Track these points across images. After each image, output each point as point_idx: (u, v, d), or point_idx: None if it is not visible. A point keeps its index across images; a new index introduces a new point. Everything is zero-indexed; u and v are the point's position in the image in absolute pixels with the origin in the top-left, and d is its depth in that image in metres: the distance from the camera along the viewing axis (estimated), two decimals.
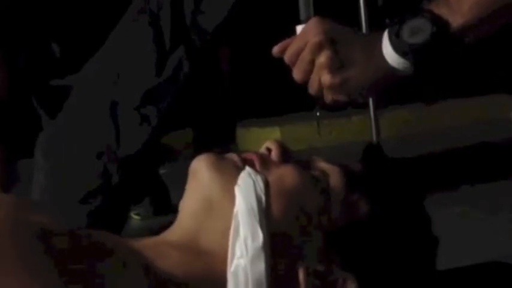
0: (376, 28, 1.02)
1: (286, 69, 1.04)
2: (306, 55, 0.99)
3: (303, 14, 1.07)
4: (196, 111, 2.56)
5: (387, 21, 1.02)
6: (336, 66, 0.97)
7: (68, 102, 1.63)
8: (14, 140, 1.59)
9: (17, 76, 1.61)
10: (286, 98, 3.62)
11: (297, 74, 1.01)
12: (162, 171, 2.72)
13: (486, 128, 3.79)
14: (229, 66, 3.62)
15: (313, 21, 1.00)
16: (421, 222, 0.87)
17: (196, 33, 1.57)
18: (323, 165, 0.85)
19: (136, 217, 2.63)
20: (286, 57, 1.02)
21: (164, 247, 0.79)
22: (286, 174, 0.82)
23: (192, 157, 0.84)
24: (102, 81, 1.60)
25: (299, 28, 1.05)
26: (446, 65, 0.97)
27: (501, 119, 3.91)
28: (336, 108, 1.02)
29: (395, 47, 0.95)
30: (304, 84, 1.02)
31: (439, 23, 0.94)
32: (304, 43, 0.99)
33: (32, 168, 1.65)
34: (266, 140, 0.88)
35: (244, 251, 0.76)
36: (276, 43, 1.04)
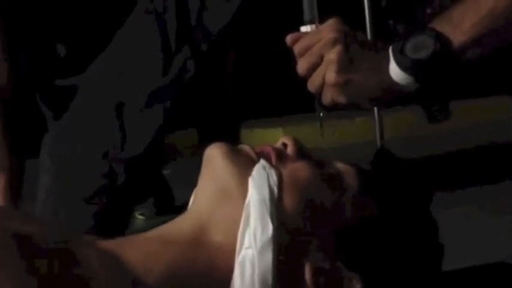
0: (379, 29, 1.03)
1: (290, 70, 1.05)
2: (317, 48, 0.99)
3: (306, 15, 1.07)
4: (201, 111, 2.56)
5: (391, 22, 1.03)
6: (344, 65, 0.98)
7: (74, 103, 1.63)
8: (19, 141, 1.60)
9: (21, 76, 1.62)
10: (290, 99, 3.62)
11: (301, 67, 1.01)
12: (165, 171, 2.72)
13: (489, 130, 3.79)
14: (233, 67, 3.62)
15: (333, 20, 1.01)
16: (427, 226, 0.88)
17: (201, 34, 1.57)
18: (338, 164, 0.86)
19: (140, 217, 2.63)
20: (297, 47, 1.02)
21: (160, 245, 0.78)
22: (300, 169, 0.83)
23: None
24: (107, 81, 1.61)
25: (303, 29, 1.05)
26: (449, 82, 0.98)
27: (504, 120, 3.91)
28: (334, 109, 1.03)
29: (399, 63, 0.97)
30: (306, 79, 1.02)
31: (442, 40, 0.95)
32: (318, 38, 1.00)
33: (38, 168, 1.66)
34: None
35: (253, 241, 0.77)
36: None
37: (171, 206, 2.56)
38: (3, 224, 0.74)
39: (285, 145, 0.86)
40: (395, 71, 0.97)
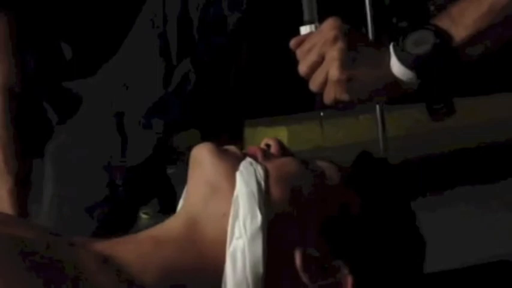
0: (382, 28, 1.03)
1: (294, 69, 1.05)
2: (318, 47, 1.00)
3: (306, 15, 1.08)
4: (203, 111, 2.57)
5: (394, 20, 1.03)
6: (347, 62, 0.98)
7: (78, 112, 1.64)
8: (26, 142, 1.60)
9: (28, 77, 1.62)
10: (294, 98, 3.62)
11: (303, 66, 1.02)
12: (169, 171, 2.73)
13: (493, 128, 3.79)
14: (236, 67, 3.62)
15: (331, 19, 1.01)
16: (406, 220, 0.89)
17: (203, 45, 1.58)
18: (319, 162, 0.88)
19: (145, 216, 2.64)
20: (299, 51, 1.02)
21: (152, 246, 0.79)
22: (286, 163, 0.85)
23: None
24: (109, 92, 1.62)
25: (303, 29, 1.06)
26: (451, 78, 0.98)
27: (507, 118, 3.91)
28: (334, 108, 1.03)
29: (400, 58, 0.97)
30: (307, 79, 1.02)
31: (442, 35, 0.96)
32: (319, 38, 1.00)
33: (42, 169, 1.66)
34: None
35: (243, 231, 0.78)
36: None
37: (175, 205, 2.57)
38: (9, 236, 0.75)
39: (268, 146, 0.88)
40: (397, 67, 0.97)
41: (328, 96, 1.01)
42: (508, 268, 1.03)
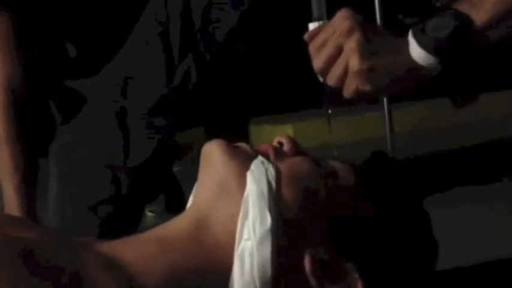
0: (390, 25, 1.03)
1: (300, 66, 1.04)
2: (334, 39, 0.98)
3: (315, 12, 1.07)
4: (208, 109, 2.57)
5: (400, 16, 1.02)
6: (366, 51, 0.97)
7: (81, 112, 1.65)
8: (32, 140, 1.60)
9: (32, 75, 1.62)
10: (299, 96, 3.62)
11: (318, 61, 1.00)
12: (175, 168, 2.73)
13: (504, 124, 3.77)
14: (241, 64, 3.62)
15: (343, 10, 1.00)
16: (419, 223, 0.88)
17: (205, 43, 1.58)
18: (332, 162, 0.86)
19: (151, 214, 2.65)
20: (312, 46, 1.01)
21: (158, 246, 0.78)
22: (298, 163, 0.83)
23: None
24: (112, 91, 1.62)
25: (311, 26, 1.05)
26: (471, 63, 0.97)
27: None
28: (345, 104, 1.02)
29: (421, 43, 0.96)
30: (324, 73, 1.00)
31: (463, 19, 0.95)
32: (333, 30, 0.99)
33: (47, 167, 1.67)
34: None
35: (252, 233, 0.77)
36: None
37: (181, 202, 2.57)
38: (11, 238, 0.74)
39: (281, 143, 0.87)
40: (417, 52, 0.96)
41: (349, 88, 0.99)
42: (508, 268, 1.02)
